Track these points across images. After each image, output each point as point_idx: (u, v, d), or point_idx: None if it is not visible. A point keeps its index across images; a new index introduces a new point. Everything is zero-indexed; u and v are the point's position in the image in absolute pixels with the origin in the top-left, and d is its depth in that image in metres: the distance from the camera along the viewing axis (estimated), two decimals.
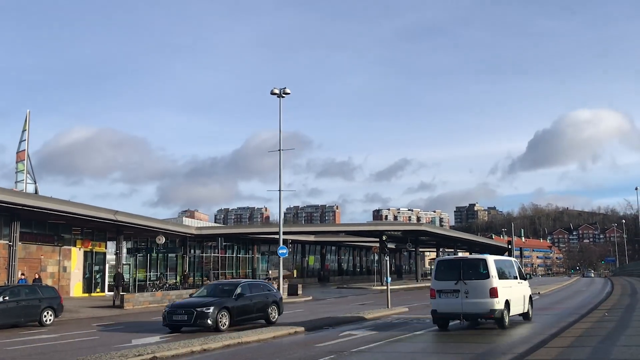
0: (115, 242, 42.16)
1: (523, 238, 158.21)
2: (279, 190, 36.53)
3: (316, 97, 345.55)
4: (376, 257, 54.73)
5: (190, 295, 22.41)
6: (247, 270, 64.12)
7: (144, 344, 14.79)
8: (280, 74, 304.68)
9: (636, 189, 70.84)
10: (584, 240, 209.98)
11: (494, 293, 15.83)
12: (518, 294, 17.73)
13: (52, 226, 38.06)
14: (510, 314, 16.72)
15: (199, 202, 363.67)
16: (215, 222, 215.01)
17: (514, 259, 19.99)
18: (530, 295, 19.24)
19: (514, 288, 17.47)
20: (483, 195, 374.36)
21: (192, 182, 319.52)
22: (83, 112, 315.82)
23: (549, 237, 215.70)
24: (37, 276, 28.98)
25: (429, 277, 76.61)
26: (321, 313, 23.61)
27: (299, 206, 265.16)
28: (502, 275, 16.75)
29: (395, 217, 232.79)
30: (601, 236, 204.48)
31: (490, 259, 16.67)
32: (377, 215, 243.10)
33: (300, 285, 40.14)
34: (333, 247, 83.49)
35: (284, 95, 35.75)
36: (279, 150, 36.30)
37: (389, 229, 62.65)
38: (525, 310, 18.44)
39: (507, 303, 16.37)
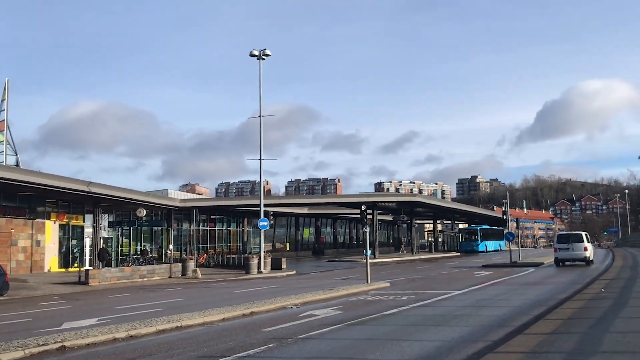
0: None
1: (525, 209, 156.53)
2: (259, 159, 34.58)
3: (323, 70, 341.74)
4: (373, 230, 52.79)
5: None
6: (237, 243, 62.41)
7: (72, 328, 12.94)
8: (286, 46, 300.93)
9: (639, 158, 68.71)
10: (587, 212, 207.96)
11: (585, 249, 32.99)
12: (592, 250, 34.97)
13: (23, 199, 36.19)
14: (590, 259, 33.52)
15: (205, 176, 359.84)
16: (216, 196, 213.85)
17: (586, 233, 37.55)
18: (594, 251, 37.03)
19: (590, 247, 34.34)
20: (489, 167, 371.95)
21: (198, 156, 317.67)
22: (89, 86, 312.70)
23: (551, 209, 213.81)
24: None
25: (426, 250, 76.03)
26: (295, 289, 21.75)
27: (300, 179, 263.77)
28: (588, 241, 34.01)
29: (397, 190, 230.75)
30: (604, 207, 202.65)
31: (583, 234, 34.68)
32: (378, 187, 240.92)
33: (284, 259, 38.25)
34: (329, 220, 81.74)
35: (263, 57, 33.76)
36: (259, 116, 34.27)
37: (381, 200, 60.81)
38: (592, 259, 34.54)
39: (590, 254, 33.37)
